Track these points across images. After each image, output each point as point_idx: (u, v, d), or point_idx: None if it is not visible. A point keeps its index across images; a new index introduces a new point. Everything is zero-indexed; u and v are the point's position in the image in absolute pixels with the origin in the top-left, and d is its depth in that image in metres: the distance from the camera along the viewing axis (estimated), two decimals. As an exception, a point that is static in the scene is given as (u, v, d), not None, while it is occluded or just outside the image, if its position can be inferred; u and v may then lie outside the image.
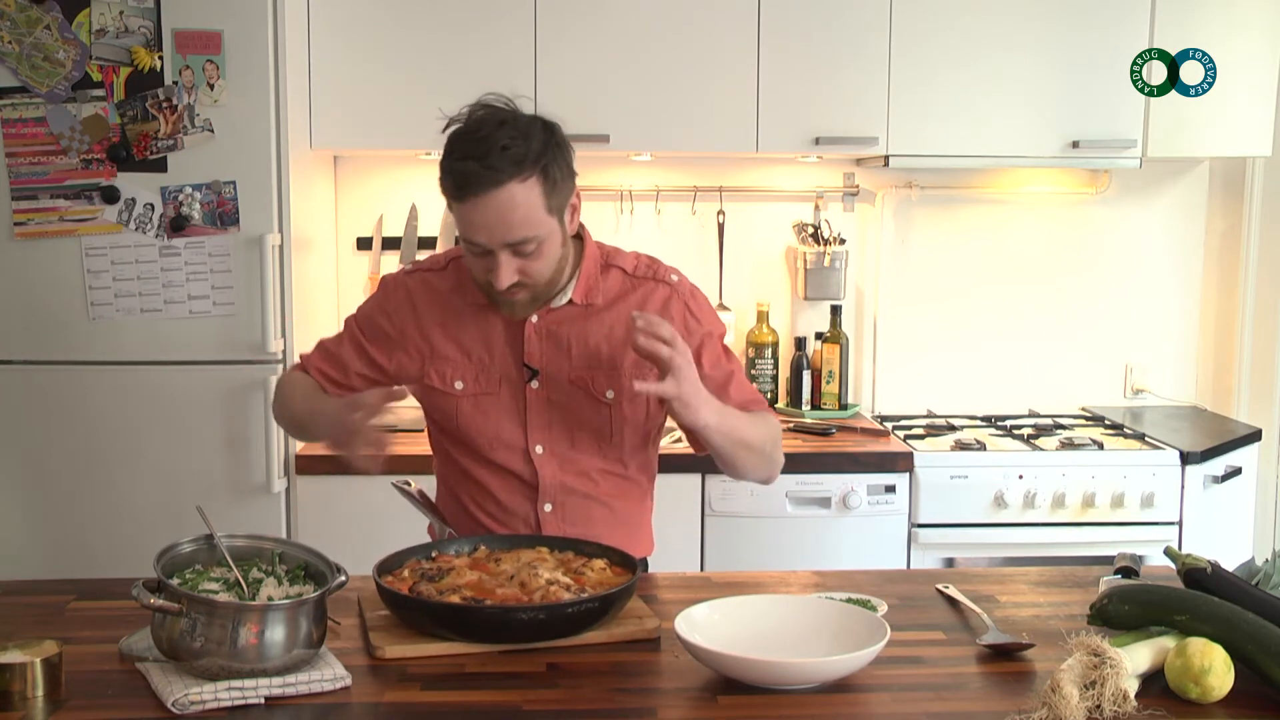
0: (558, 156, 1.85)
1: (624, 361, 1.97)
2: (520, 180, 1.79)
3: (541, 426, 1.99)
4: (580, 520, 2.01)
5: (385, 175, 3.55)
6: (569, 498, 2.01)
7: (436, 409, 2.03)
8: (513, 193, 1.79)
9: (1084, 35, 3.29)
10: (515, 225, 1.80)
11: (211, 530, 1.64)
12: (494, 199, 1.78)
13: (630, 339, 1.81)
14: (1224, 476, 3.24)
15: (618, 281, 2.01)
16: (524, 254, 1.84)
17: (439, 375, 2.00)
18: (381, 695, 1.52)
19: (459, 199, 1.81)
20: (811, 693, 1.51)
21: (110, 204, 2.87)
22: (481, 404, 1.99)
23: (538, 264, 1.86)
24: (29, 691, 1.47)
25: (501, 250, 1.82)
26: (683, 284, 2.04)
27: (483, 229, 1.81)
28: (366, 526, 2.80)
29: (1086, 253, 3.73)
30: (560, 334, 1.97)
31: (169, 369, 2.93)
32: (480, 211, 1.80)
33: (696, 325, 2.01)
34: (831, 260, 3.56)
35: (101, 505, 2.95)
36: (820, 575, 2.02)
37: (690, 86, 3.18)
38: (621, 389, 1.96)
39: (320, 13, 3.11)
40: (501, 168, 1.78)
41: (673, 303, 2.01)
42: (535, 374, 1.98)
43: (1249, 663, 1.51)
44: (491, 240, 1.81)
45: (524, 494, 2.01)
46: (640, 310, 1.95)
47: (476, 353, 1.99)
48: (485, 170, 1.77)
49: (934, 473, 3.09)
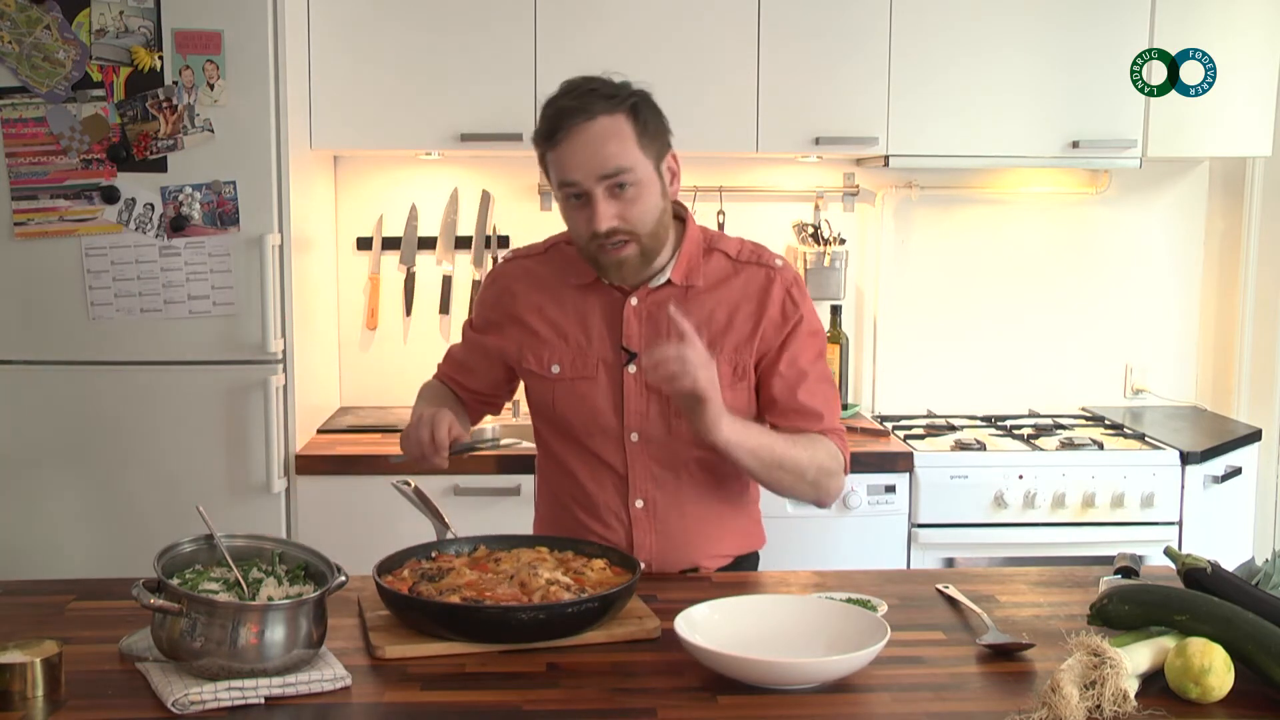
0: (648, 105, 1.90)
1: (725, 346, 1.96)
2: (609, 115, 1.84)
3: (638, 412, 1.97)
4: (675, 518, 2.00)
5: (385, 175, 3.55)
6: (660, 492, 1.99)
7: (534, 394, 2.05)
8: (603, 125, 1.84)
9: (1084, 35, 3.29)
10: (608, 156, 1.83)
11: (211, 530, 1.63)
12: (585, 130, 1.83)
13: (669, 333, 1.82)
14: (1224, 476, 3.24)
15: (720, 265, 2.01)
16: (620, 195, 1.85)
17: (536, 359, 2.01)
18: (381, 695, 1.52)
19: (552, 140, 1.85)
20: (811, 693, 1.51)
21: (110, 204, 2.87)
22: (578, 388, 1.99)
23: (637, 208, 1.86)
24: (29, 691, 1.47)
25: (597, 187, 1.84)
26: (787, 270, 2.03)
27: (576, 164, 1.84)
28: (366, 526, 2.81)
29: (1086, 253, 3.73)
30: (659, 316, 1.96)
31: (169, 369, 2.93)
32: (573, 147, 1.83)
33: (793, 310, 1.99)
34: (831, 260, 3.56)
35: (101, 505, 2.95)
36: (820, 575, 2.02)
37: (690, 86, 3.18)
38: (721, 374, 1.91)
39: (320, 13, 3.11)
40: (592, 103, 1.84)
41: (774, 287, 1.99)
42: (633, 357, 1.96)
43: (1249, 663, 1.51)
44: (586, 175, 1.83)
45: (615, 488, 2.00)
46: (743, 293, 1.97)
47: (574, 336, 1.99)
48: (576, 105, 1.84)
49: (934, 473, 3.09)
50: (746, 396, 2.00)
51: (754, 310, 1.98)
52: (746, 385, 1.99)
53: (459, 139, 3.18)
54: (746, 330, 1.98)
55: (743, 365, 1.98)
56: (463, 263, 3.57)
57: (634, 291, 1.97)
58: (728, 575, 2.04)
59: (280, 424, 2.94)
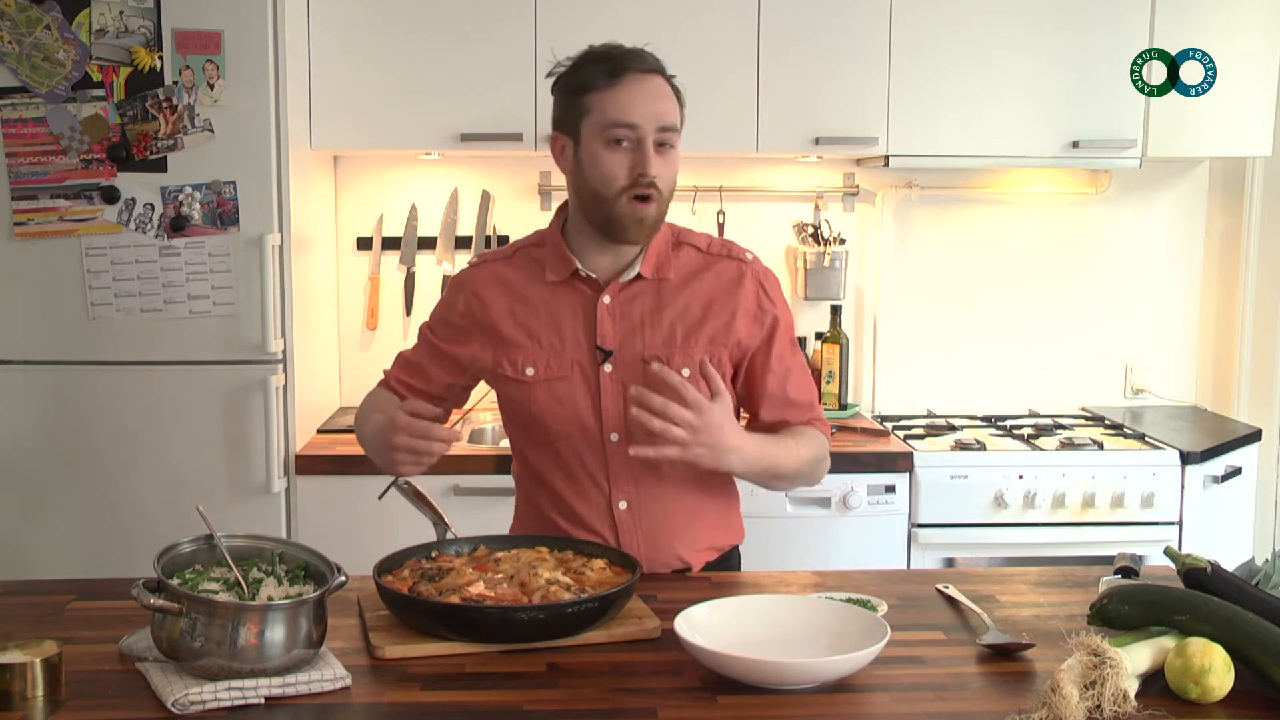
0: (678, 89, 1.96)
1: (699, 339, 1.97)
2: (664, 77, 1.93)
3: (616, 412, 1.96)
4: (659, 517, 1.99)
5: (385, 175, 3.56)
6: (643, 493, 1.99)
7: (510, 400, 2.02)
8: (662, 82, 1.92)
9: (1084, 35, 3.29)
10: (668, 111, 1.90)
11: (211, 530, 1.63)
12: (651, 80, 1.90)
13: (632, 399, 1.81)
14: (1224, 476, 3.24)
15: (690, 258, 2.01)
16: (664, 153, 1.90)
17: (510, 364, 2.00)
18: (381, 695, 1.52)
19: (614, 79, 1.88)
20: (811, 693, 1.51)
21: (110, 204, 2.87)
22: (554, 390, 1.98)
23: (670, 170, 1.91)
24: (29, 691, 1.47)
25: (652, 135, 1.88)
26: (757, 264, 2.04)
27: (642, 108, 1.88)
28: (366, 526, 2.80)
29: (1086, 253, 3.73)
30: (633, 312, 1.96)
31: (169, 369, 2.93)
32: (638, 90, 1.88)
33: (770, 306, 2.01)
34: (831, 260, 3.56)
35: (101, 505, 2.95)
36: (820, 575, 2.02)
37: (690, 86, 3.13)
38: (696, 366, 1.94)
39: (320, 13, 3.11)
40: (648, 60, 1.92)
41: (746, 281, 2.00)
42: (608, 356, 1.96)
43: (1249, 663, 1.50)
44: (649, 120, 1.87)
45: (598, 491, 1.99)
46: (715, 285, 1.98)
47: (547, 338, 1.98)
48: (638, 55, 1.91)
49: (934, 473, 3.09)
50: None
51: (727, 303, 1.99)
52: (722, 377, 1.98)
53: (459, 139, 3.18)
54: (720, 323, 1.98)
55: (717, 357, 1.98)
56: (463, 263, 3.56)
57: (606, 289, 1.97)
58: (727, 575, 2.04)
59: (280, 424, 2.94)
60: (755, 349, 2.01)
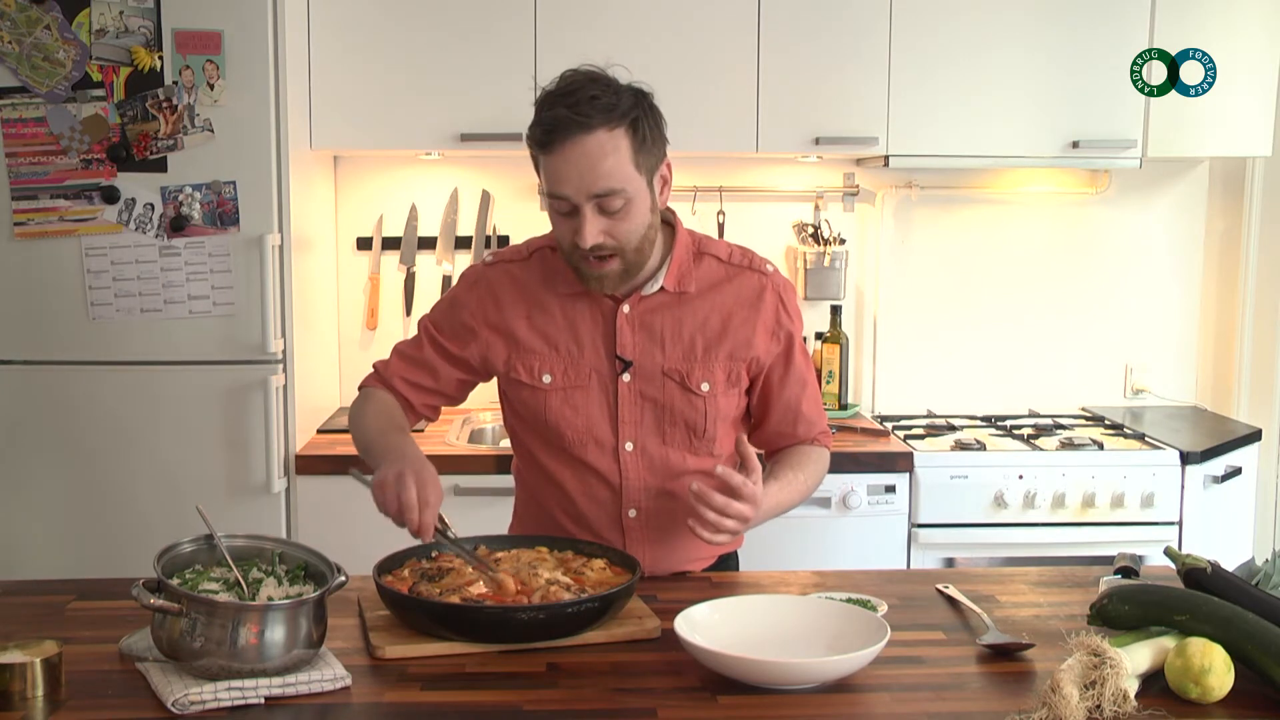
0: (648, 116, 1.83)
1: (720, 352, 1.96)
2: (608, 129, 1.77)
3: (633, 421, 1.95)
4: (668, 526, 1.98)
5: (385, 175, 3.56)
6: (654, 502, 1.97)
7: (523, 404, 1.99)
8: (600, 140, 1.77)
9: (1084, 35, 3.29)
10: (602, 175, 1.77)
11: (211, 530, 1.63)
12: (581, 145, 1.76)
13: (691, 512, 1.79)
14: (1224, 476, 3.24)
15: (712, 269, 1.99)
16: (610, 211, 1.80)
17: (525, 369, 1.97)
18: (381, 695, 1.52)
19: (546, 147, 1.78)
20: (811, 693, 1.51)
21: (110, 204, 2.87)
22: (571, 398, 1.96)
23: (625, 225, 1.82)
24: (29, 691, 1.47)
25: (587, 203, 1.79)
26: (777, 275, 2.03)
27: (569, 179, 1.78)
28: (366, 526, 2.79)
29: (1086, 253, 3.73)
30: (653, 323, 1.95)
31: (169, 369, 2.93)
32: (567, 159, 1.77)
33: (788, 320, 2.01)
34: (831, 260, 3.56)
35: (101, 505, 2.95)
36: (820, 575, 2.02)
37: (690, 86, 3.18)
38: (715, 380, 1.94)
39: (320, 13, 3.11)
40: (591, 114, 1.76)
41: (766, 294, 1.99)
42: (627, 366, 1.94)
43: (1249, 663, 1.51)
44: (578, 191, 1.78)
45: (609, 497, 1.98)
46: (736, 299, 1.96)
47: (565, 345, 1.96)
48: (574, 116, 1.76)
49: (934, 473, 3.09)
50: (737, 400, 2.00)
51: (748, 316, 1.98)
52: (738, 391, 1.99)
53: (459, 139, 3.18)
54: (741, 338, 1.97)
55: (736, 372, 1.97)
56: (463, 263, 3.56)
57: (626, 299, 1.95)
58: (727, 575, 2.04)
59: (280, 424, 2.94)
60: (772, 364, 2.00)
